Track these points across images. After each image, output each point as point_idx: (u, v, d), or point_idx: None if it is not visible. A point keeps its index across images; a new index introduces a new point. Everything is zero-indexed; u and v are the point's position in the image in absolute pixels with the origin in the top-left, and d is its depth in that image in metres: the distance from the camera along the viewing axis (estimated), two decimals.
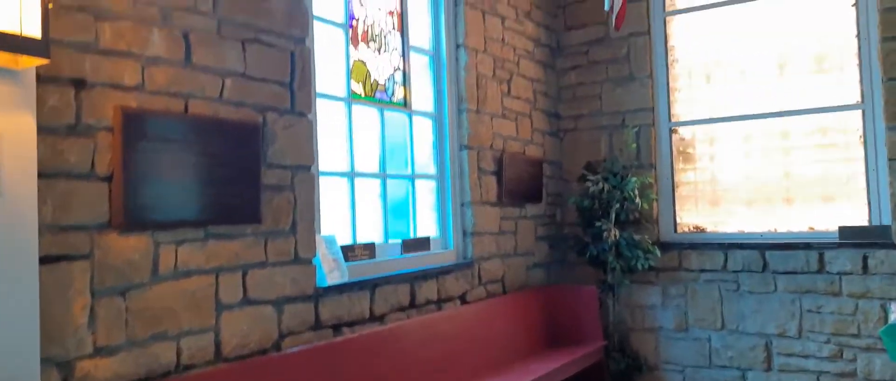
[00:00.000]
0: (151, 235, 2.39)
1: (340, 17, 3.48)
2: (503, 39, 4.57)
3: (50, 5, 1.90)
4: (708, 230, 4.75)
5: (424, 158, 4.06)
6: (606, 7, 4.14)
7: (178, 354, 2.44)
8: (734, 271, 4.48)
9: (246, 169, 2.69)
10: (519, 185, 4.58)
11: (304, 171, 3.00)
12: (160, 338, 2.38)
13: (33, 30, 1.80)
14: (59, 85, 2.14)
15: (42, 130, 2.06)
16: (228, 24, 2.69)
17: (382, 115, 3.70)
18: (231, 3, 2.70)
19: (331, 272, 3.13)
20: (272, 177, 2.84)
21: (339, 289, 3.16)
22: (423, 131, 4.05)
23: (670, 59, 4.87)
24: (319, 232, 3.17)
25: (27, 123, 1.92)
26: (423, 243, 3.87)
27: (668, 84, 4.86)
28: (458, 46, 4.19)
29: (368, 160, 3.62)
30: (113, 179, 2.26)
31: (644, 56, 4.87)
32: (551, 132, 5.11)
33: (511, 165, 4.49)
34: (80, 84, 2.19)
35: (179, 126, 2.46)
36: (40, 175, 2.02)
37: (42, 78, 2.06)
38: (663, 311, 4.75)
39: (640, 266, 4.54)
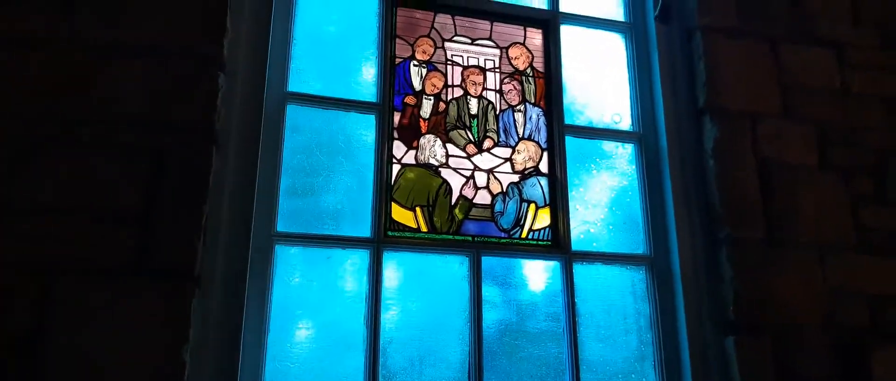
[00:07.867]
0: None
1: (371, 91, 1.89)
2: (840, 87, 2.12)
3: None
4: None
5: (618, 350, 1.85)
6: None
7: None
8: None
9: None
10: None
11: None
12: None
13: None
14: None
15: None
16: None
17: (473, 264, 1.79)
18: None
19: None
20: None
21: None
22: (607, 294, 1.89)
23: None
24: None
25: None
26: None
27: None
28: (701, 112, 2.00)
29: (440, 364, 1.72)
30: None
31: None
32: None
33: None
34: None
35: None
36: None
37: None
38: None
39: None
